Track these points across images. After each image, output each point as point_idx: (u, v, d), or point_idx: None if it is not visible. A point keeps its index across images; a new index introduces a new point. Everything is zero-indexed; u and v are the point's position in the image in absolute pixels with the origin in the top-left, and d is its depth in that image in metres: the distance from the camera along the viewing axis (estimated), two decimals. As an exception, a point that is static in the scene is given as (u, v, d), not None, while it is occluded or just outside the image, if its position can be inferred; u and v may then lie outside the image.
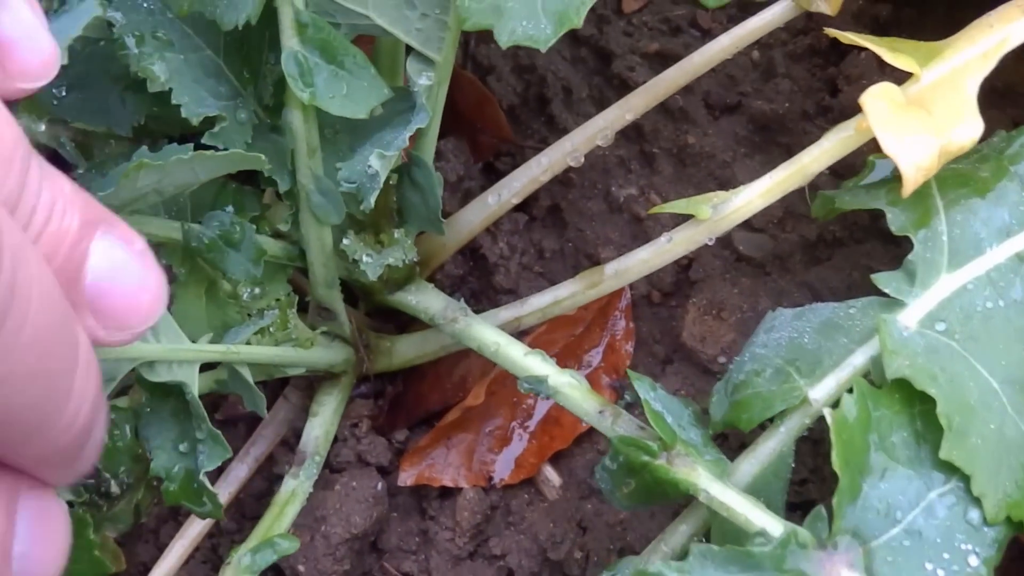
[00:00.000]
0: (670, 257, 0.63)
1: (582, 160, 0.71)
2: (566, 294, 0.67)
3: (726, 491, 0.53)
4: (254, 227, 0.65)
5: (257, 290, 0.69)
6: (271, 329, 0.68)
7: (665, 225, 0.77)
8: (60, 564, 0.38)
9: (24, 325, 0.30)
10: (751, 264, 0.75)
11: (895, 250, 0.74)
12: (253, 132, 0.65)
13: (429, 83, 0.62)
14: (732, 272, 0.75)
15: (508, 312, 0.69)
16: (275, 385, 0.76)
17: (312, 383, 0.76)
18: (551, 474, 0.72)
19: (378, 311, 0.77)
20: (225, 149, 0.64)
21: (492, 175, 0.80)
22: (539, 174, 0.72)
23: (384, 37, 0.62)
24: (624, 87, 0.80)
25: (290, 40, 0.58)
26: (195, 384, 0.61)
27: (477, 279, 0.78)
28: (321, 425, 0.71)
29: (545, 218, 0.79)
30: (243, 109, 0.65)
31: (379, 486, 0.69)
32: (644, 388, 0.57)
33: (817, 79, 0.80)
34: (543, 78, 0.81)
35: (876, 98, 0.56)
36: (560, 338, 0.74)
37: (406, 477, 0.71)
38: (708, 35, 0.83)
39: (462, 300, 0.68)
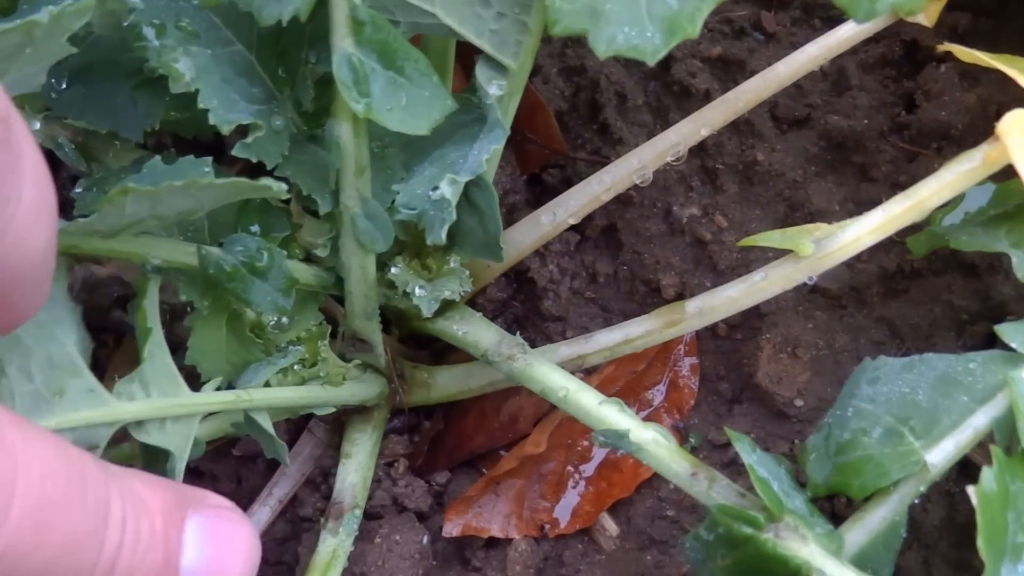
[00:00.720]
0: (763, 296, 0.57)
1: (649, 178, 0.64)
2: (639, 332, 0.60)
3: (845, 572, 0.47)
4: (284, 252, 0.57)
5: (285, 320, 0.61)
6: (295, 367, 0.60)
7: (732, 250, 0.70)
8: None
9: (10, 509, 0.32)
10: (826, 296, 0.69)
11: (976, 283, 0.68)
12: (290, 142, 0.56)
13: (500, 93, 0.54)
14: (805, 305, 0.69)
15: (570, 349, 0.62)
16: (297, 423, 0.69)
17: (340, 416, 0.69)
18: (608, 523, 0.66)
19: (412, 337, 0.70)
20: (260, 162, 0.56)
21: (538, 188, 0.73)
22: (600, 192, 0.65)
23: (450, 38, 0.54)
24: (685, 94, 0.73)
25: (343, 40, 0.50)
26: (187, 446, 0.53)
27: (522, 304, 0.71)
28: (357, 470, 0.63)
29: (599, 239, 0.72)
30: (279, 115, 0.56)
31: (424, 540, 0.62)
32: (746, 450, 0.51)
33: (891, 92, 0.74)
34: (595, 82, 0.73)
35: (1016, 129, 0.50)
36: (621, 375, 0.67)
37: (451, 527, 0.64)
38: (772, 39, 0.76)
39: (518, 334, 0.61)
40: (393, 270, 0.60)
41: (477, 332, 0.63)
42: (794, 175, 0.71)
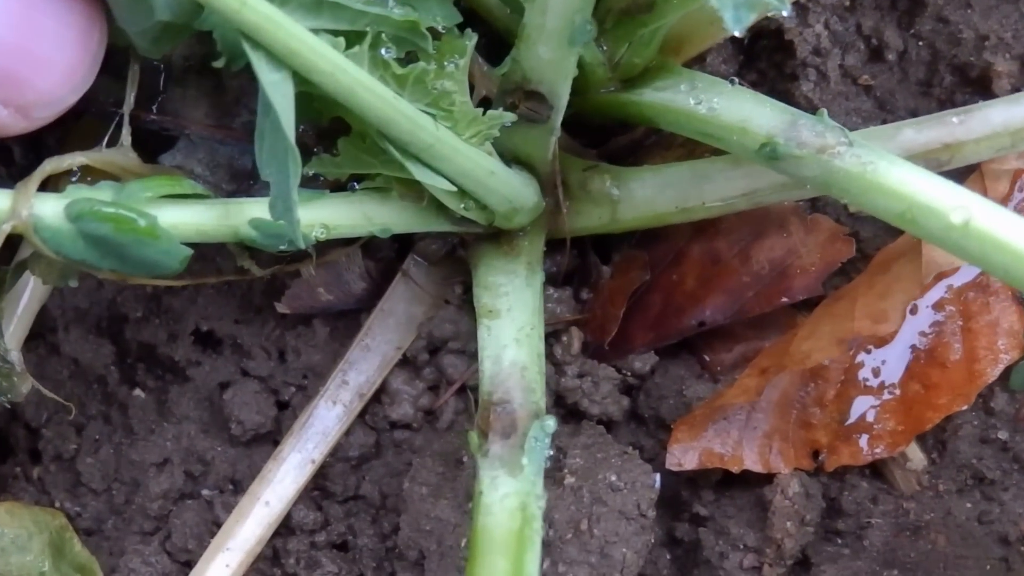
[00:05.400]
0: None
1: None
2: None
3: None
4: None
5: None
6: (385, 51, 0.31)
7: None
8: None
9: None
10: None
11: None
12: None
13: None
14: None
15: (923, 134, 0.35)
16: (384, 259, 0.39)
17: (455, 249, 0.39)
18: (912, 450, 0.40)
19: (579, 124, 0.41)
20: None
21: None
22: None
23: None
24: None
25: None
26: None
27: (761, 82, 0.44)
28: (520, 339, 0.35)
29: (888, -6, 0.44)
30: None
31: (656, 483, 0.35)
32: None
33: None
34: None
35: None
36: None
37: (682, 455, 0.36)
38: None
39: (825, 112, 0.33)
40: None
41: (741, 107, 0.35)
42: None
